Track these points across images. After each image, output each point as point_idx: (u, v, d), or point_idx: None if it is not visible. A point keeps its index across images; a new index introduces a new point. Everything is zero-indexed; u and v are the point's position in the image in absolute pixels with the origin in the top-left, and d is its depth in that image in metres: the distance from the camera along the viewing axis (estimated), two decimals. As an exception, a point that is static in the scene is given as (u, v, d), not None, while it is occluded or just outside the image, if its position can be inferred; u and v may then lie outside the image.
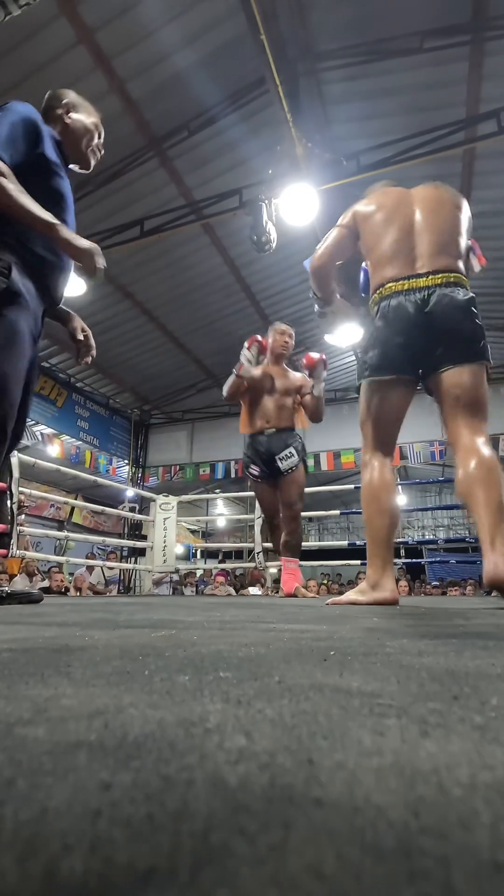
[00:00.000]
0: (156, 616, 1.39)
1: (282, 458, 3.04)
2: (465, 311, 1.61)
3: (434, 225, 1.71)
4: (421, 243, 1.70)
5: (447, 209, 1.75)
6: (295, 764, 0.17)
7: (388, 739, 0.20)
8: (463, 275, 1.67)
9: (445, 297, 1.61)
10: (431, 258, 1.67)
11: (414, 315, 1.63)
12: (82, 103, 1.64)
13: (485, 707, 0.26)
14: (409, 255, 1.70)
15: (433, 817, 0.13)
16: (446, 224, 1.72)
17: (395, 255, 1.73)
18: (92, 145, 1.63)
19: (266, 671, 0.41)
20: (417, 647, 0.60)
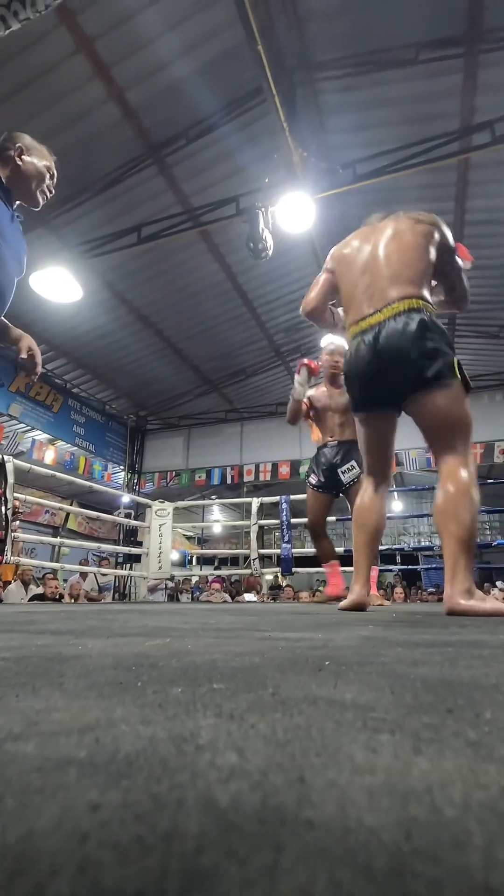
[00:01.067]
0: (151, 623, 1.38)
1: (344, 471, 3.20)
2: (413, 338, 1.62)
3: (386, 258, 1.76)
4: (375, 281, 1.76)
5: (400, 237, 1.78)
6: (287, 783, 0.17)
7: (381, 756, 0.20)
8: (419, 298, 1.69)
9: (393, 329, 1.65)
10: (383, 293, 1.71)
11: (369, 354, 1.70)
12: (36, 147, 1.77)
13: (479, 720, 0.26)
14: (364, 296, 1.77)
15: (426, 839, 0.13)
16: (399, 253, 1.76)
17: (353, 297, 1.81)
18: (42, 186, 1.76)
19: (260, 682, 0.41)
20: (412, 656, 0.60)
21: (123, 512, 9.53)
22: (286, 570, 5.55)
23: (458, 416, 1.61)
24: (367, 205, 5.99)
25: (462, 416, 1.62)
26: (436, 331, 1.65)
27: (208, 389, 9.90)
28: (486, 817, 0.14)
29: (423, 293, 1.72)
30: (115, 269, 6.65)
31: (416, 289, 1.71)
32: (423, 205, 5.84)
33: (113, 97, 4.76)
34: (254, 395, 10.28)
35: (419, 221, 1.84)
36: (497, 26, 4.12)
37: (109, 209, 5.84)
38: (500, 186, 5.38)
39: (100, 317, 7.43)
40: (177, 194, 5.78)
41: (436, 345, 1.62)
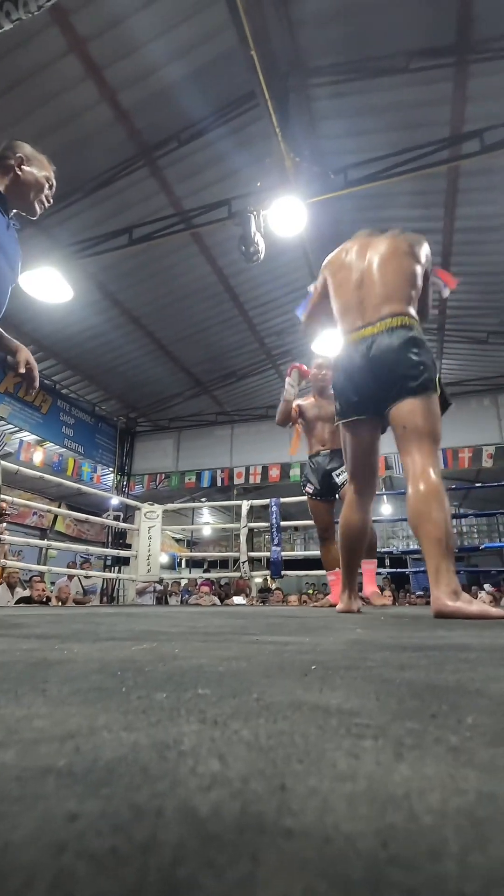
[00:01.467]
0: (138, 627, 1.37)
1: (338, 474, 3.28)
2: (401, 352, 1.74)
3: (380, 276, 1.88)
4: (368, 296, 1.87)
5: (397, 258, 1.89)
6: (268, 790, 0.17)
7: (363, 762, 0.20)
8: (409, 316, 1.81)
9: (384, 343, 1.77)
10: (376, 308, 1.84)
11: (360, 363, 1.81)
12: (36, 157, 1.77)
13: (461, 726, 0.26)
14: (358, 307, 1.88)
15: (403, 847, 0.13)
16: (393, 273, 1.87)
17: (347, 309, 1.92)
18: (41, 196, 1.77)
19: (246, 688, 0.41)
20: (399, 661, 0.60)
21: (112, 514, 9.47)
22: (275, 572, 5.55)
23: (431, 427, 1.72)
24: (359, 210, 6.06)
25: (434, 426, 1.73)
26: (422, 347, 1.77)
27: (199, 392, 9.88)
28: (462, 824, 0.14)
29: (413, 312, 1.85)
30: (107, 269, 6.62)
31: (406, 307, 1.83)
32: (414, 211, 5.91)
33: (105, 98, 4.75)
34: (244, 397, 10.28)
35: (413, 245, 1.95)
36: (486, 37, 4.19)
37: (101, 210, 5.82)
38: (489, 195, 5.46)
39: (91, 318, 7.39)
40: (169, 196, 5.78)
41: (422, 359, 1.74)
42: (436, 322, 7.95)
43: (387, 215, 6.08)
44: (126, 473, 10.42)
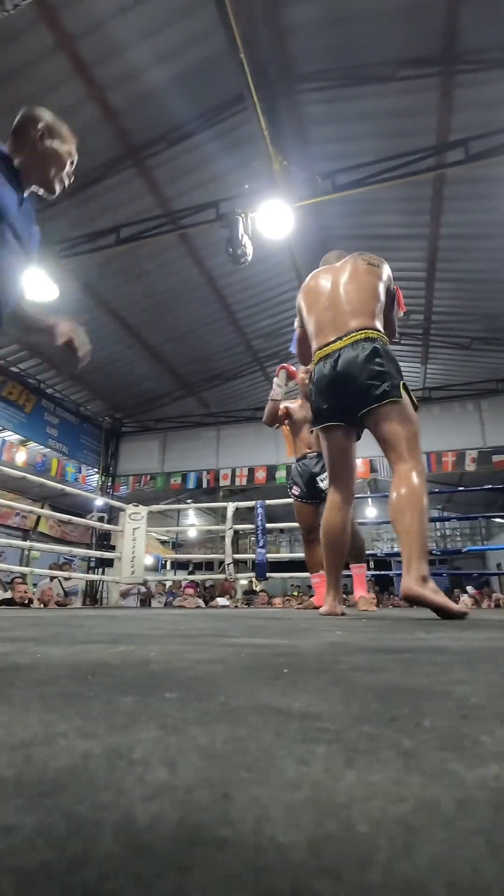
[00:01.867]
0: (118, 630, 1.36)
1: (322, 479, 3.33)
2: (363, 364, 1.86)
3: (345, 294, 2.03)
4: (336, 314, 2.01)
5: (358, 276, 2.06)
6: (210, 800, 0.17)
7: (312, 769, 0.20)
8: (373, 329, 1.94)
9: (349, 355, 1.90)
10: (343, 325, 1.97)
11: (329, 375, 1.94)
12: (60, 128, 1.56)
13: (417, 729, 0.26)
14: (328, 326, 2.02)
15: (333, 856, 0.13)
16: (356, 291, 2.02)
17: (318, 329, 2.06)
18: (61, 174, 1.57)
19: (213, 691, 0.40)
20: (372, 663, 0.60)
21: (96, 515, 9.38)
22: (261, 574, 5.54)
23: (404, 429, 1.81)
24: (346, 215, 6.11)
25: (409, 428, 1.82)
26: (386, 358, 1.88)
27: (186, 393, 9.85)
28: (395, 832, 0.14)
29: (378, 325, 1.97)
30: (94, 269, 6.58)
31: (372, 321, 1.96)
32: (401, 217, 5.98)
33: (93, 97, 4.72)
34: (231, 399, 10.28)
35: (371, 264, 2.11)
36: (471, 49, 4.26)
37: (88, 209, 5.78)
38: (473, 203, 5.54)
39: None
40: (157, 197, 5.76)
41: (385, 369, 1.85)
42: (420, 327, 8.05)
43: (373, 221, 6.14)
44: (111, 474, 10.33)
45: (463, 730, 0.26)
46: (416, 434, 1.82)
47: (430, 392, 9.32)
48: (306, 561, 3.62)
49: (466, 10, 4.01)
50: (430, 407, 9.16)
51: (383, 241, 6.47)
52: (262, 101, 4.42)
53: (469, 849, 0.13)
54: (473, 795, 0.17)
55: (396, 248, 6.47)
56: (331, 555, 2.12)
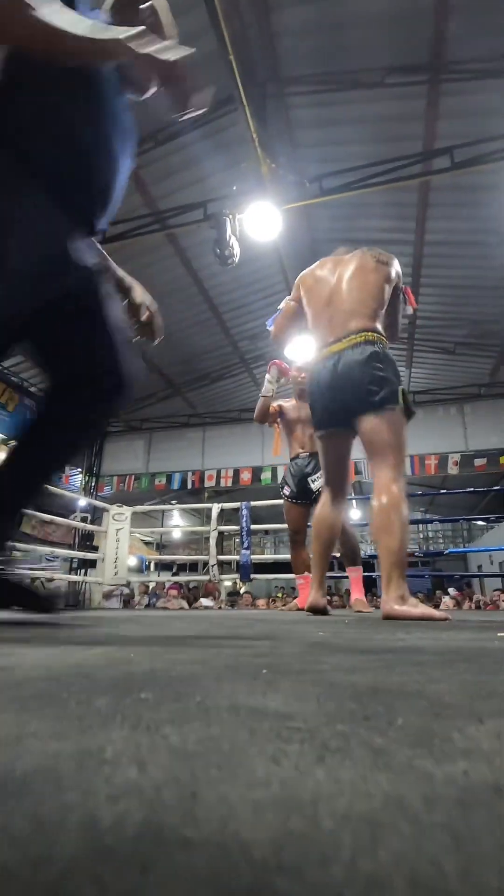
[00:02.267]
0: (99, 631, 1.34)
1: (313, 480, 3.30)
2: (363, 367, 1.83)
3: (347, 292, 1.97)
4: (335, 313, 1.96)
5: (363, 274, 1.98)
6: (177, 799, 0.17)
7: (282, 767, 0.20)
8: (373, 331, 1.90)
9: (349, 358, 1.87)
10: (342, 325, 1.92)
11: (328, 379, 1.91)
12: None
13: (390, 728, 0.27)
14: (327, 325, 1.97)
15: (296, 854, 0.13)
16: (358, 289, 1.96)
17: (318, 324, 2.01)
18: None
19: (190, 691, 0.40)
20: (352, 664, 0.61)
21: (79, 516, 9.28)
22: (245, 576, 5.54)
23: (394, 439, 1.82)
24: (333, 219, 6.15)
25: (398, 438, 1.83)
26: (386, 362, 1.85)
27: (171, 393, 9.81)
28: (360, 829, 0.14)
29: (378, 327, 1.92)
30: (79, 266, 6.51)
31: (372, 322, 1.90)
32: (387, 222, 6.04)
33: (81, 93, 4.68)
34: (217, 400, 10.26)
35: (380, 262, 2.02)
36: (458, 59, 4.33)
37: (74, 206, 5.72)
38: (458, 210, 5.63)
39: (61, 315, 7.24)
40: (144, 196, 5.73)
41: (385, 374, 1.83)
42: (406, 332, 8.14)
43: (360, 225, 6.20)
44: (95, 474, 10.22)
45: (434, 728, 0.26)
46: (402, 445, 1.83)
47: (414, 396, 9.43)
48: (292, 562, 3.62)
49: (454, 21, 4.07)
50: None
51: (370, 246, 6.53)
52: (251, 103, 4.44)
53: (432, 843, 0.13)
54: (440, 791, 0.17)
55: (383, 252, 6.54)
56: (319, 547, 2.13)
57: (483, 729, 0.26)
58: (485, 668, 0.55)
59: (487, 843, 0.13)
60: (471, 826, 0.14)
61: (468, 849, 0.13)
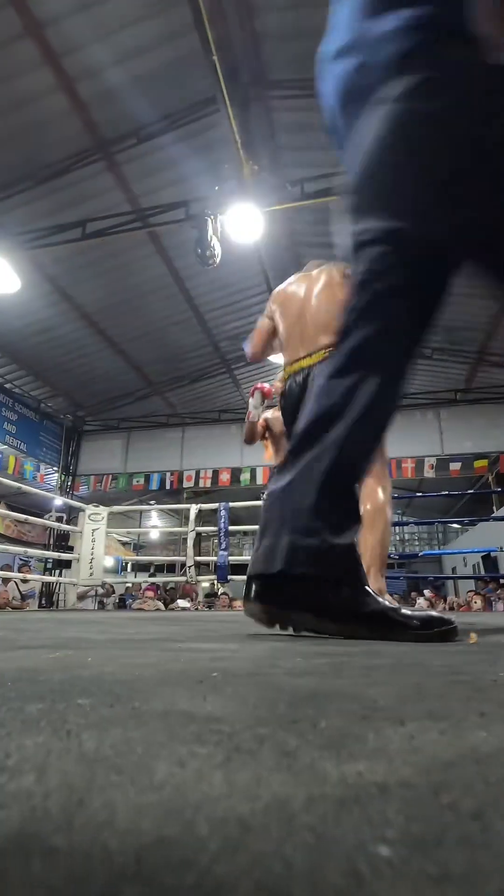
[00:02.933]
0: (65, 634, 1.32)
1: None
2: None
3: (316, 307, 2.00)
4: (305, 328, 2.00)
5: (330, 288, 2.02)
6: (62, 806, 0.16)
7: (185, 770, 0.20)
8: None
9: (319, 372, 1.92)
10: (313, 339, 1.96)
11: (298, 393, 1.95)
12: None
13: (313, 730, 0.27)
14: (297, 340, 2.01)
15: (157, 860, 0.13)
16: (327, 304, 2.00)
17: (289, 340, 2.04)
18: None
19: (131, 696, 0.40)
20: (305, 667, 0.61)
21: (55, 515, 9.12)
22: (222, 577, 5.53)
23: None
24: (315, 223, 6.20)
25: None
26: None
27: (150, 392, 9.73)
28: (232, 833, 0.14)
29: None
30: (59, 262, 6.42)
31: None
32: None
33: (62, 87, 4.62)
34: (197, 400, 10.23)
35: (347, 276, 2.07)
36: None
37: (53, 200, 5.64)
38: (436, 218, 5.73)
39: (39, 311, 7.12)
40: (126, 193, 5.68)
41: None
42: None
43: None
44: (71, 473, 10.06)
45: (354, 730, 0.27)
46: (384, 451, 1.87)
47: (392, 400, 9.56)
48: None
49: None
50: (392, 414, 9.39)
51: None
52: (234, 104, 4.45)
53: (293, 845, 0.13)
54: (326, 792, 0.17)
55: (363, 258, 6.62)
56: None
57: (401, 731, 0.26)
58: (432, 671, 0.56)
59: (348, 842, 0.13)
60: (339, 825, 0.14)
61: (326, 848, 0.13)
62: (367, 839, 0.13)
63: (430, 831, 0.14)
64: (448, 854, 0.12)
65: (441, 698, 0.39)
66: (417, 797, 0.16)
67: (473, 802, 0.16)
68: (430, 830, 0.14)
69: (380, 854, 0.13)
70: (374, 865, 0.12)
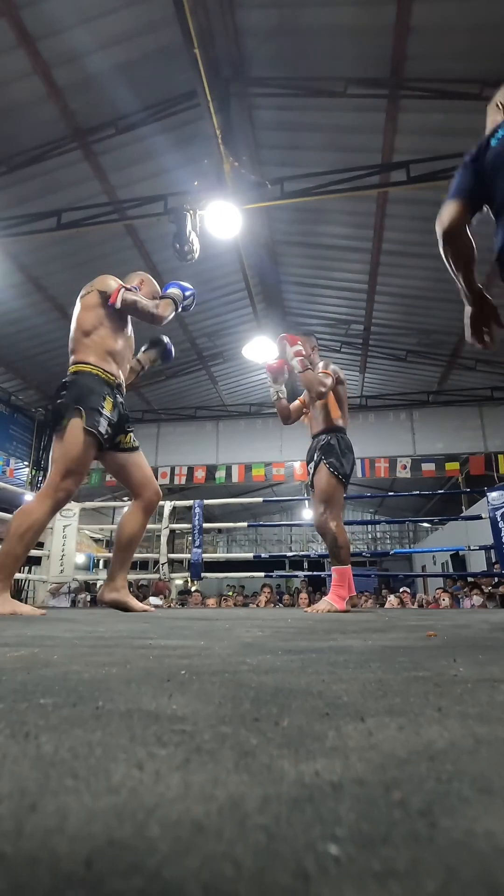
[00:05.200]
0: (30, 632, 1.29)
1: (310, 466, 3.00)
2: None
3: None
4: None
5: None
6: (13, 811, 0.16)
7: (143, 773, 0.20)
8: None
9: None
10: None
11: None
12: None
13: (274, 728, 0.27)
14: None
15: (105, 865, 0.13)
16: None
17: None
18: None
19: (95, 696, 0.39)
20: (272, 664, 0.62)
21: (25, 511, 8.90)
22: (195, 574, 5.51)
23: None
24: (293, 222, 6.22)
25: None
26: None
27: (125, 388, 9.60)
28: (183, 835, 0.14)
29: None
30: (31, 252, 6.25)
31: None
32: (345, 229, 6.17)
33: (37, 71, 4.48)
34: (173, 397, 10.14)
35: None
36: (416, 77, 4.48)
37: (27, 188, 5.48)
38: (412, 223, 5.83)
39: (11, 301, 6.92)
40: (102, 184, 5.57)
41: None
42: (360, 338, 8.36)
43: (320, 230, 6.30)
44: (42, 468, 9.84)
45: (315, 727, 0.27)
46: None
47: (366, 400, 9.69)
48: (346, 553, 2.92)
49: (413, 40, 4.21)
50: (366, 414, 9.53)
51: (329, 251, 6.65)
52: (214, 99, 4.41)
53: (244, 846, 0.13)
54: (282, 792, 0.17)
55: (341, 258, 6.68)
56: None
57: (360, 728, 0.27)
58: (394, 667, 0.57)
59: (298, 842, 0.14)
60: (291, 825, 0.14)
61: (276, 849, 0.13)
62: (316, 838, 0.14)
63: (378, 829, 0.14)
64: (394, 851, 0.13)
65: (401, 694, 0.40)
66: (369, 795, 0.17)
67: (423, 799, 0.16)
68: (378, 828, 0.14)
69: (328, 852, 0.13)
70: (321, 864, 0.12)
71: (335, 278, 7.15)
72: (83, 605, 7.57)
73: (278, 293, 7.87)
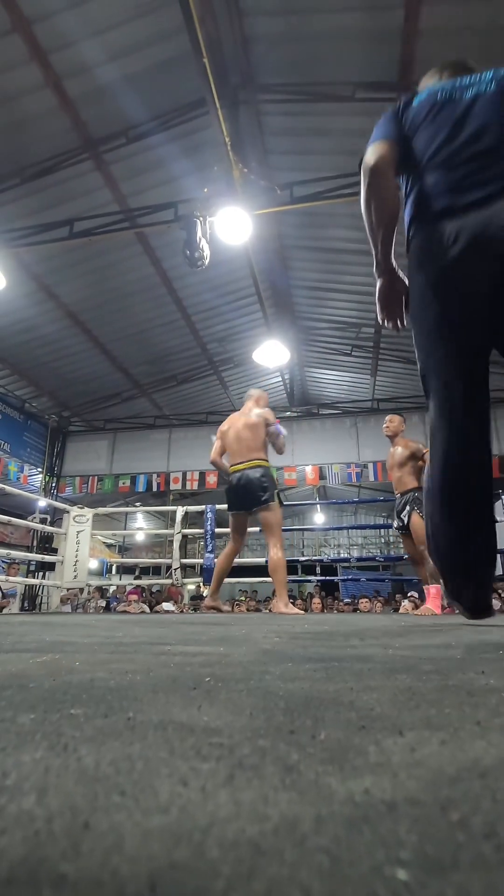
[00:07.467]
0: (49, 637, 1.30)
1: (403, 515, 4.23)
2: (255, 482, 3.52)
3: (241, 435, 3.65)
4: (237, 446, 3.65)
5: (249, 423, 3.70)
6: (67, 829, 0.16)
7: (189, 790, 0.20)
8: (261, 459, 3.59)
9: (247, 475, 3.55)
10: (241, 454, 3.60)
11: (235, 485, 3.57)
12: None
13: (312, 741, 0.27)
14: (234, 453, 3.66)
15: (170, 888, 0.13)
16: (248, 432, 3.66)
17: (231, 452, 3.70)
18: None
19: (124, 705, 0.39)
20: (296, 672, 0.61)
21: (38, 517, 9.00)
22: (208, 579, 5.50)
23: (276, 523, 3.52)
24: (303, 226, 6.23)
25: (278, 523, 3.54)
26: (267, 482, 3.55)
27: (137, 394, 9.67)
28: (244, 856, 0.14)
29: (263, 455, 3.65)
30: (45, 261, 6.34)
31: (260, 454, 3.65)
32: (355, 233, 6.16)
33: (49, 84, 4.56)
34: (184, 402, 10.18)
35: (260, 415, 3.75)
36: (425, 79, 4.47)
37: (40, 199, 5.57)
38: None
39: (24, 310, 7.02)
40: (114, 193, 5.64)
41: (267, 485, 3.53)
42: (371, 341, 8.32)
43: (329, 234, 6.30)
44: (56, 475, 9.94)
45: (354, 741, 0.27)
46: (280, 525, 3.53)
47: (378, 403, 9.63)
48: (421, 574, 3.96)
49: (422, 43, 4.21)
50: (377, 418, 9.47)
51: (338, 255, 6.65)
52: (223, 106, 4.45)
53: (308, 869, 0.13)
54: (335, 811, 0.17)
55: (351, 261, 6.67)
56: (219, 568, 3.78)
57: (400, 742, 0.26)
58: (422, 676, 0.56)
59: (363, 865, 0.13)
60: (352, 848, 0.14)
61: (342, 872, 0.13)
62: (382, 861, 0.13)
63: (444, 852, 0.14)
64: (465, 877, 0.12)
65: (435, 704, 0.39)
66: (427, 815, 0.16)
67: (483, 820, 0.16)
68: (443, 851, 0.14)
69: (397, 878, 0.12)
70: (392, 890, 0.12)
71: (345, 282, 7.14)
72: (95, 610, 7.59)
73: (288, 297, 7.87)
